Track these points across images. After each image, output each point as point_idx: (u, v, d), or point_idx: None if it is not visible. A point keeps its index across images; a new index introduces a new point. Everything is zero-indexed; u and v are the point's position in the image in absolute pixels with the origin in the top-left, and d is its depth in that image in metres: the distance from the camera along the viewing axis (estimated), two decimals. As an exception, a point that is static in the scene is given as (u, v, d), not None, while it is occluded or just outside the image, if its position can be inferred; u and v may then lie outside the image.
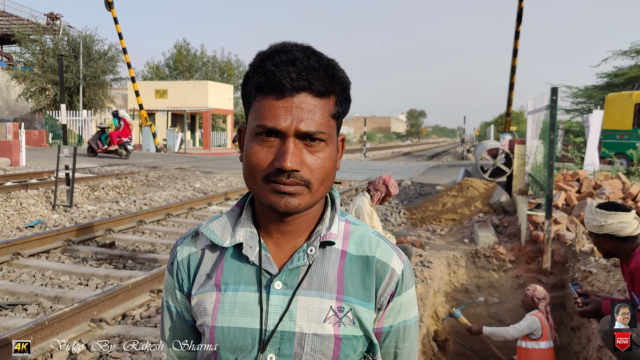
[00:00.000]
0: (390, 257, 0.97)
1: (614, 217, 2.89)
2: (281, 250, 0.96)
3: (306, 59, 0.86)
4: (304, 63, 0.86)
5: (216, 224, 0.99)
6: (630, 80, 22.64)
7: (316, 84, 0.86)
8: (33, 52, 29.84)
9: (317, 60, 0.87)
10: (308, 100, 0.86)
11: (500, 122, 33.78)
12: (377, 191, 4.87)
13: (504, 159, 11.66)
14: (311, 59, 0.87)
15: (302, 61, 0.86)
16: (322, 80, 0.87)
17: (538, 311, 4.57)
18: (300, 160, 0.86)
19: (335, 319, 0.92)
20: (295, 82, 0.85)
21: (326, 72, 0.87)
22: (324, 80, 0.87)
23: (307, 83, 0.85)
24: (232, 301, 0.94)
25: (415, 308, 1.02)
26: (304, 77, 0.85)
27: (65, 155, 8.83)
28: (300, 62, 0.85)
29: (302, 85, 0.85)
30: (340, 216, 1.00)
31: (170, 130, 25.69)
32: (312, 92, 0.87)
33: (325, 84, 0.87)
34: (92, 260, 5.73)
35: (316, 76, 0.86)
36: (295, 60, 0.85)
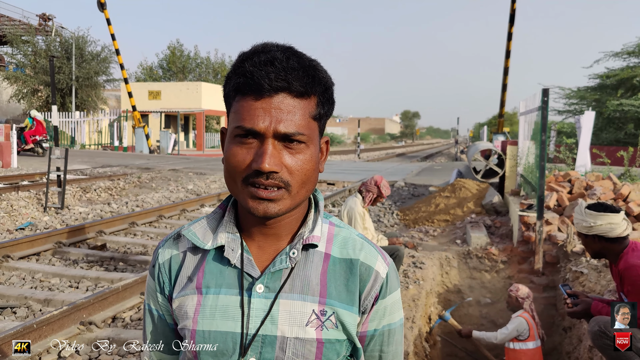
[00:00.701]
0: (375, 260, 0.96)
1: (603, 218, 2.90)
2: (264, 253, 0.95)
3: (285, 59, 0.85)
4: (283, 63, 0.84)
5: (198, 226, 0.97)
6: (622, 82, 22.81)
7: (295, 84, 0.85)
8: (25, 53, 29.65)
9: (297, 60, 0.86)
10: (287, 101, 0.85)
11: (493, 123, 33.95)
12: (369, 192, 4.87)
13: (497, 160, 11.70)
14: (291, 59, 0.86)
15: (281, 61, 0.84)
16: (302, 81, 0.85)
17: (523, 311, 4.57)
18: (279, 161, 0.85)
19: (318, 322, 0.90)
20: (274, 82, 0.83)
21: (306, 72, 0.86)
22: (303, 81, 0.85)
23: (285, 83, 0.84)
24: (214, 304, 0.92)
25: (400, 311, 1.00)
26: (283, 77, 0.84)
27: (57, 156, 8.77)
28: (279, 62, 0.84)
29: (281, 86, 0.84)
30: (325, 218, 0.99)
31: (164, 132, 25.63)
32: (291, 92, 0.85)
33: (305, 84, 0.86)
34: (82, 262, 5.69)
35: (295, 76, 0.85)
36: (274, 60, 0.84)
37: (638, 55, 23.41)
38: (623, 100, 21.31)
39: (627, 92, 22.65)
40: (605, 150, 10.84)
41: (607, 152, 9.65)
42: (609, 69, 24.19)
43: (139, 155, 21.41)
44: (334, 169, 17.84)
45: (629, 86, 22.57)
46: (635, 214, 6.12)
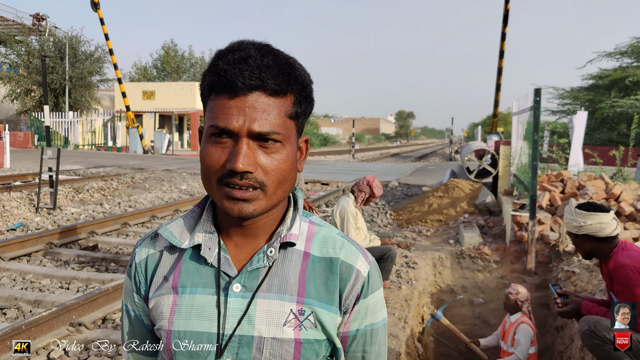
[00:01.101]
0: (355, 259, 0.94)
1: (593, 218, 2.90)
2: (241, 252, 0.93)
3: (260, 57, 0.83)
4: (257, 61, 0.83)
5: (175, 225, 0.96)
6: (615, 82, 22.93)
7: (270, 82, 0.83)
8: (18, 53, 29.50)
9: (273, 58, 0.85)
10: (262, 100, 0.83)
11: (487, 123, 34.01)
12: (361, 192, 4.87)
13: (490, 159, 11.73)
14: (266, 57, 0.84)
15: (255, 59, 0.83)
16: (277, 79, 0.84)
17: (522, 314, 4.51)
18: (253, 161, 0.83)
19: (296, 322, 0.89)
20: (248, 80, 0.82)
21: (282, 70, 0.85)
22: (278, 79, 0.84)
23: (260, 82, 0.83)
24: (189, 304, 0.91)
25: (383, 311, 0.99)
26: (257, 75, 0.82)
27: (49, 157, 8.72)
28: (254, 60, 0.83)
29: (255, 84, 0.82)
30: (304, 217, 0.98)
31: (158, 132, 25.54)
32: (265, 91, 0.84)
33: (280, 82, 0.84)
34: (74, 263, 5.66)
35: (270, 74, 0.83)
36: (249, 58, 0.83)
37: (631, 55, 23.56)
38: (616, 101, 21.44)
39: (620, 92, 22.77)
40: (598, 150, 10.88)
41: (599, 152, 9.68)
42: (602, 70, 24.32)
43: (132, 156, 21.33)
44: (328, 169, 17.84)
45: (622, 86, 22.69)
46: (626, 214, 6.15)
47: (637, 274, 2.71)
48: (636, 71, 22.16)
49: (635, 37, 23.46)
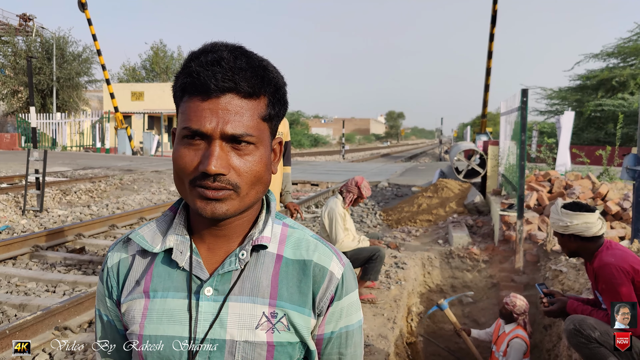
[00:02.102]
0: (329, 261, 0.94)
1: (579, 218, 2.92)
2: (214, 255, 0.93)
3: (233, 59, 0.83)
4: (230, 63, 0.83)
5: (146, 229, 0.95)
6: (602, 82, 23.18)
7: (243, 84, 0.83)
8: (5, 54, 29.22)
9: (246, 60, 0.84)
10: (235, 102, 0.83)
11: (477, 123, 34.21)
12: (349, 193, 4.87)
13: (479, 160, 11.79)
14: (239, 59, 0.84)
15: (228, 61, 0.83)
16: (250, 81, 0.84)
17: (517, 326, 4.47)
18: (226, 163, 0.83)
19: (269, 325, 0.89)
20: (220, 82, 0.82)
21: (255, 72, 0.84)
22: (252, 81, 0.84)
23: (232, 84, 0.82)
24: (161, 308, 0.90)
25: (358, 312, 0.99)
26: (230, 77, 0.82)
27: (35, 158, 8.64)
28: (227, 62, 0.82)
29: (228, 86, 0.82)
30: (278, 219, 0.98)
31: (147, 133, 25.40)
32: (238, 93, 0.83)
33: (254, 85, 0.84)
34: (60, 266, 5.60)
35: (243, 77, 0.83)
36: (221, 60, 0.82)
37: (617, 56, 23.83)
38: (602, 101, 21.66)
39: (607, 92, 23.02)
40: (585, 149, 10.97)
41: (586, 152, 9.76)
42: (589, 71, 24.58)
43: (121, 157, 21.19)
44: (318, 170, 17.83)
45: (609, 87, 22.94)
46: (613, 213, 6.20)
47: (621, 272, 2.73)
48: (622, 72, 22.43)
49: (621, 38, 23.76)
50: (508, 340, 4.39)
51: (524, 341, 4.35)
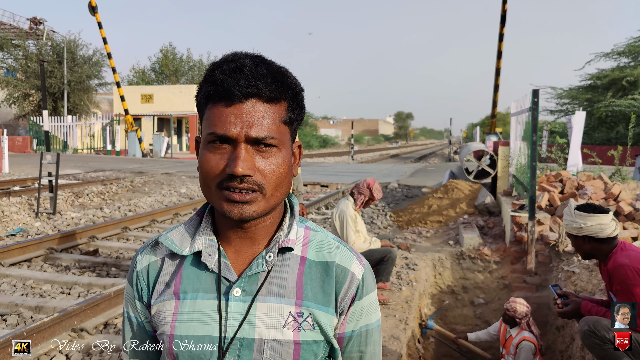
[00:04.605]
0: (350, 262, 0.98)
1: (592, 219, 2.92)
2: (240, 257, 0.97)
3: (254, 66, 0.88)
4: (252, 70, 0.87)
5: (175, 232, 0.99)
6: (613, 82, 22.99)
7: (265, 90, 0.87)
8: (16, 58, 29.53)
9: (266, 67, 0.89)
10: (257, 107, 0.88)
11: (486, 123, 34.06)
12: (360, 195, 4.87)
13: (489, 160, 11.74)
14: (259, 66, 0.88)
15: (250, 68, 0.87)
16: (271, 87, 0.88)
17: (521, 330, 4.47)
18: (252, 165, 0.87)
19: (295, 324, 0.92)
20: (244, 88, 0.86)
21: (275, 78, 0.89)
22: (272, 87, 0.88)
23: (255, 89, 0.87)
24: (191, 309, 0.94)
25: (377, 312, 1.02)
26: (252, 83, 0.86)
27: (48, 161, 8.73)
28: (249, 69, 0.87)
29: (251, 92, 0.87)
30: (300, 222, 1.02)
31: (157, 135, 25.55)
32: (261, 98, 0.88)
33: (275, 90, 0.89)
34: (74, 268, 5.66)
35: (264, 82, 0.87)
36: (243, 67, 0.87)
37: (628, 55, 23.62)
38: (613, 101, 21.48)
39: (618, 92, 22.83)
40: (597, 149, 10.89)
41: (598, 152, 9.68)
42: (600, 70, 24.39)
43: (131, 159, 21.34)
44: (327, 171, 17.85)
45: (619, 86, 22.75)
46: (625, 213, 6.16)
47: (636, 273, 2.72)
48: (633, 71, 22.23)
49: (632, 37, 23.54)
50: (516, 344, 4.42)
51: (532, 342, 4.37)
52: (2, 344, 3.13)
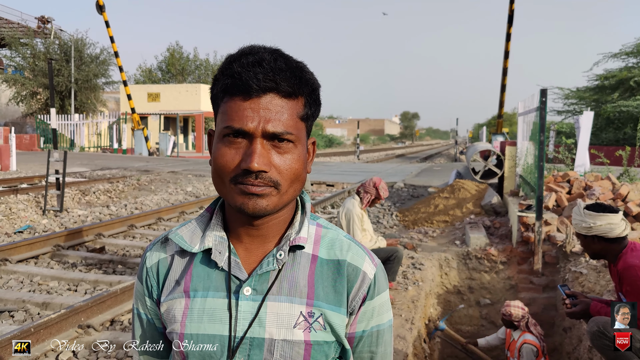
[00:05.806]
0: (362, 261, 0.96)
1: (602, 219, 2.89)
2: (251, 255, 0.95)
3: (273, 60, 0.86)
4: (271, 64, 0.85)
5: (185, 229, 0.97)
6: (620, 82, 22.84)
7: (283, 84, 0.85)
8: (24, 56, 29.70)
9: (285, 62, 0.87)
10: (275, 101, 0.86)
11: (492, 123, 33.93)
12: (367, 194, 4.86)
13: (496, 160, 11.69)
14: (278, 60, 0.86)
15: (269, 62, 0.85)
16: (289, 82, 0.86)
17: (523, 332, 4.44)
18: (268, 161, 0.85)
19: (306, 324, 0.90)
20: (262, 82, 0.84)
21: (294, 73, 0.87)
22: (291, 82, 0.86)
23: (273, 84, 0.85)
24: (201, 307, 0.92)
25: (389, 312, 1.00)
26: (271, 77, 0.84)
27: (56, 159, 8.77)
28: (267, 63, 0.85)
29: (269, 86, 0.85)
30: (312, 220, 0.99)
31: (163, 134, 25.62)
32: (279, 93, 0.86)
33: (293, 85, 0.86)
34: (81, 265, 5.68)
35: (283, 77, 0.85)
36: (262, 61, 0.85)
37: (636, 55, 23.46)
38: (620, 102, 21.35)
39: (625, 92, 22.68)
40: (604, 150, 10.83)
41: (606, 152, 9.62)
42: (608, 70, 24.24)
43: (138, 158, 21.41)
44: (333, 170, 17.84)
45: (627, 87, 22.60)
46: (634, 214, 6.11)
47: (647, 275, 2.70)
48: (641, 72, 22.08)
49: (640, 38, 23.36)
50: (518, 347, 4.40)
51: (533, 345, 4.36)
52: (11, 339, 3.15)
